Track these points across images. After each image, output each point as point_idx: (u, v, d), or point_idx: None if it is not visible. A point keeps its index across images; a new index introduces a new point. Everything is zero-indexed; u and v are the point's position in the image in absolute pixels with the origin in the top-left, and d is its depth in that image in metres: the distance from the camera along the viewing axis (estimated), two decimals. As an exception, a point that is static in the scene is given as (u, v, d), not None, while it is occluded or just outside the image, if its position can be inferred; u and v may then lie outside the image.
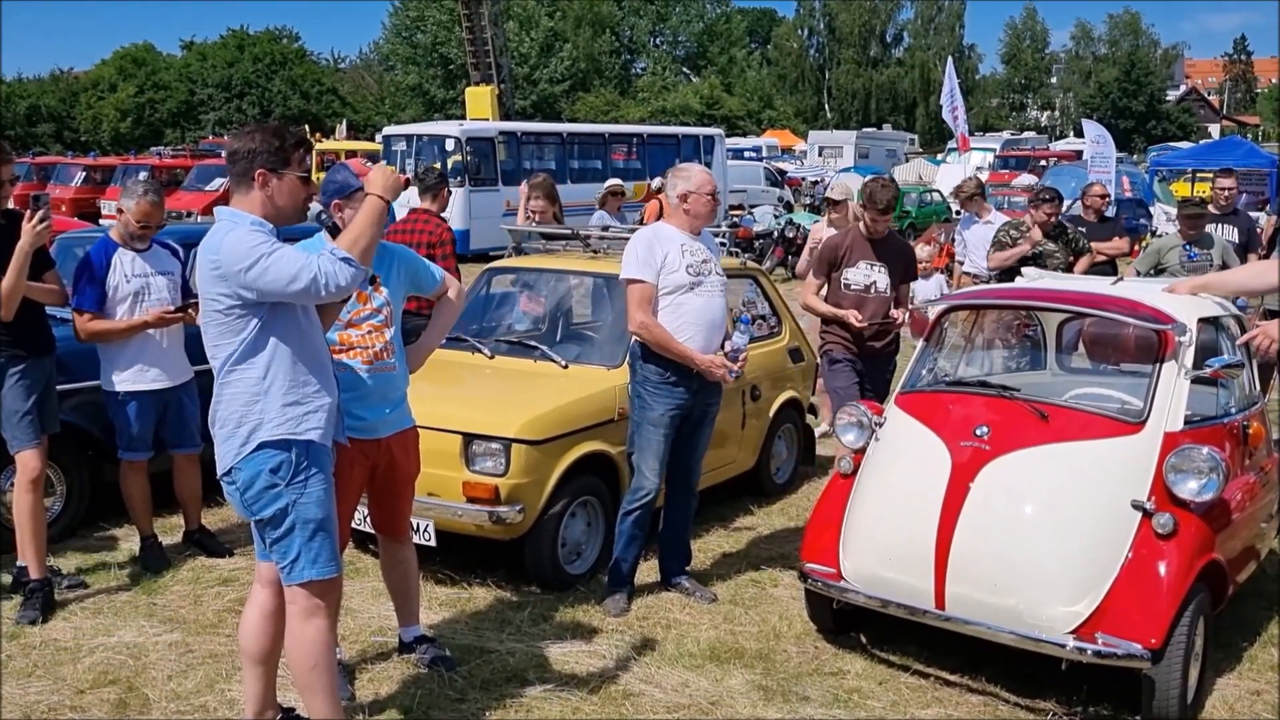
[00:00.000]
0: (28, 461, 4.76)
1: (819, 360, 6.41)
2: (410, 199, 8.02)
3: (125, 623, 4.74)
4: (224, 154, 3.51)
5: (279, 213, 3.36)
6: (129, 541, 5.62)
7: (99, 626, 4.70)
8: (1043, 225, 7.77)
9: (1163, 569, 3.92)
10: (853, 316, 5.94)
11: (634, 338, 4.93)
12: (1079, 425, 4.30)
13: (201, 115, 61.31)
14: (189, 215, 20.77)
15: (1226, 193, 8.50)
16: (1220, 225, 8.19)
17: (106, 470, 5.61)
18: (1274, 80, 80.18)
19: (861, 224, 6.09)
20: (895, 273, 6.08)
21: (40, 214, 4.55)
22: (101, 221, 19.20)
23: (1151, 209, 21.79)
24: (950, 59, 25.31)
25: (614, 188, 10.63)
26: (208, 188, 23.66)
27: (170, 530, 5.74)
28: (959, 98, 19.52)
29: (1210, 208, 8.27)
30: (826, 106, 72.25)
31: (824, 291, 6.28)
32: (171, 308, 5.26)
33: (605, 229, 6.10)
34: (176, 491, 5.60)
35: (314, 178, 3.67)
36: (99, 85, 64.77)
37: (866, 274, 6.04)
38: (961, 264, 9.96)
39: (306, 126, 33.88)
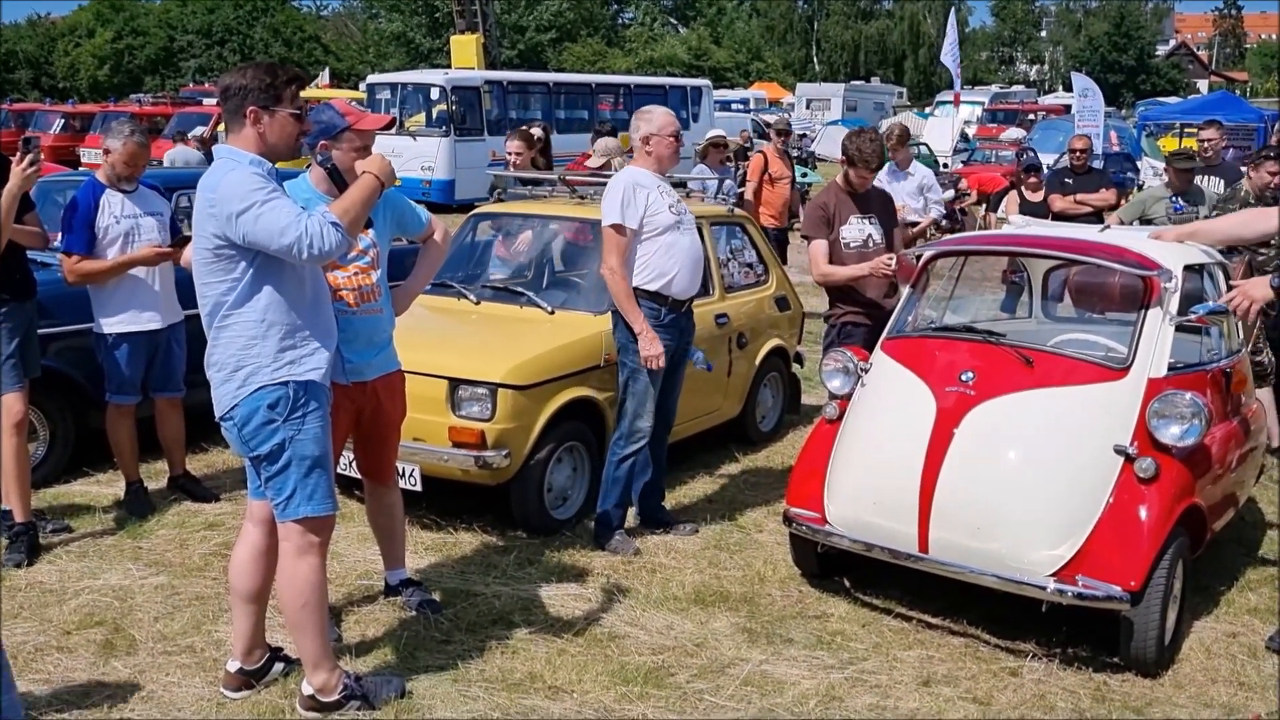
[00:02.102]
0: (11, 405, 4.74)
1: (828, 334, 5.83)
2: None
3: (111, 566, 4.74)
4: (218, 91, 3.48)
5: (272, 149, 3.36)
6: (114, 487, 5.61)
7: (85, 570, 4.70)
8: (1261, 191, 6.57)
9: (1143, 513, 3.96)
10: (883, 263, 5.45)
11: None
12: (1063, 371, 4.32)
13: (181, 62, 60.30)
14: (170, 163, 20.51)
15: (1208, 144, 8.48)
16: (1206, 177, 8.18)
17: (92, 417, 5.59)
18: (1264, 36, 79.83)
19: (841, 179, 5.73)
20: (885, 223, 5.83)
21: (30, 157, 4.47)
22: (81, 168, 18.96)
23: (1139, 163, 21.75)
24: (953, 11, 25.08)
25: (716, 139, 9.04)
26: (189, 135, 23.32)
27: (155, 475, 5.73)
28: (957, 50, 19.42)
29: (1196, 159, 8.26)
30: (815, 59, 71.60)
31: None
32: (164, 246, 5.22)
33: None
34: (160, 436, 5.58)
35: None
36: (76, 31, 63.63)
37: (860, 229, 5.71)
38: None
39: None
